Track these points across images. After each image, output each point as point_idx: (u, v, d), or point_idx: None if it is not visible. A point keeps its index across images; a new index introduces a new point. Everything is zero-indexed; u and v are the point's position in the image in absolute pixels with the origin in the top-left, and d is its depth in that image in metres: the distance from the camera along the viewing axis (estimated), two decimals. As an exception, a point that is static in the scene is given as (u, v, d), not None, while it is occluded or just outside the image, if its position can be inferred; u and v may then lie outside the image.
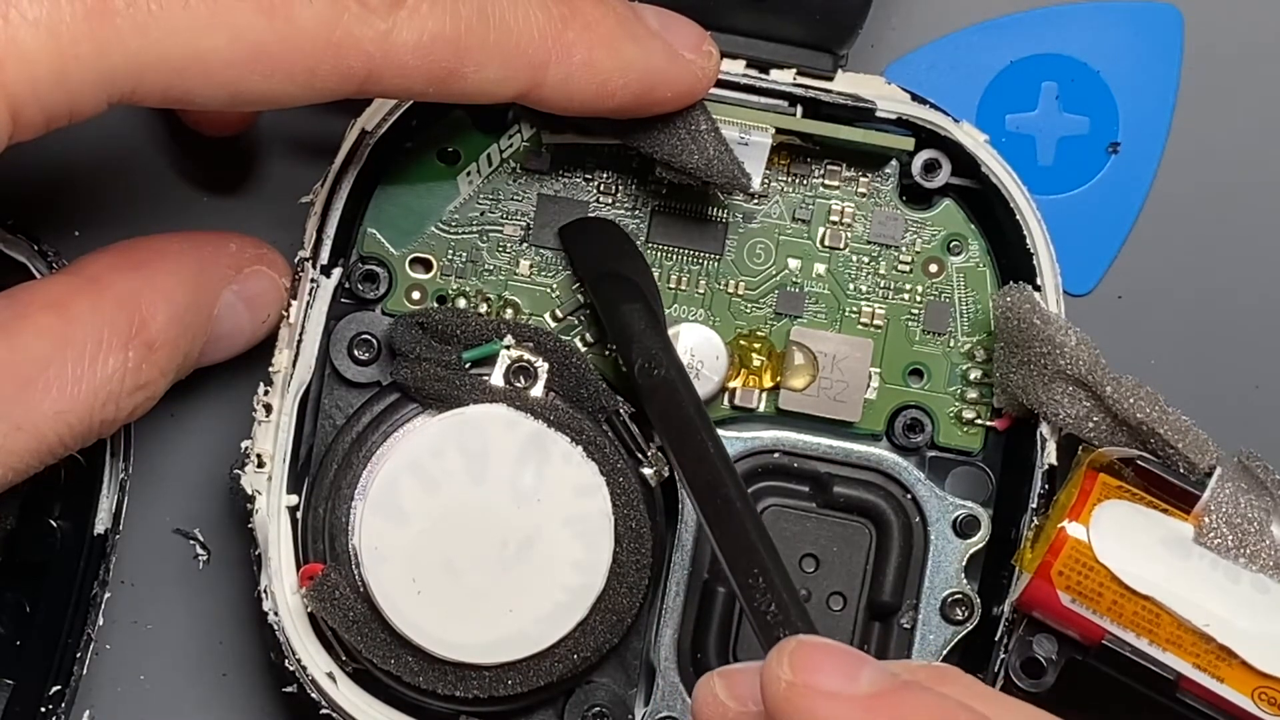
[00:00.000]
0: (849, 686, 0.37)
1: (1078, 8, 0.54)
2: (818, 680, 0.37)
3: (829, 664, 0.37)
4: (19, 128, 0.40)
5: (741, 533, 0.44)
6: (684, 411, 0.47)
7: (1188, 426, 0.48)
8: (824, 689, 0.37)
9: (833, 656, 0.37)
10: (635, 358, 0.48)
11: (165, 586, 0.54)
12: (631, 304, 0.49)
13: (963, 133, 0.50)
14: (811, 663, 0.37)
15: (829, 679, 0.37)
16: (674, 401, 0.47)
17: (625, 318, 0.49)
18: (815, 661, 0.37)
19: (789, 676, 0.37)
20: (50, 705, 0.51)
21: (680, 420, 0.47)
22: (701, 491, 0.46)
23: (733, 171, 0.49)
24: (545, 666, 0.49)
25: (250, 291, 0.49)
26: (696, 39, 0.47)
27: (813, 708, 0.37)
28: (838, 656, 0.37)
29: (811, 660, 0.37)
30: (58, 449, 0.44)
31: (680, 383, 0.48)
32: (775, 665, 0.37)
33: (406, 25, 0.43)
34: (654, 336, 0.48)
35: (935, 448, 0.52)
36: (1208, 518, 0.48)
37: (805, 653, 0.38)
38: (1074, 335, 0.48)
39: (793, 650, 0.38)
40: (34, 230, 0.52)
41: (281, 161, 0.54)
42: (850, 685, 0.37)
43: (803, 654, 0.37)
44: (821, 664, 0.37)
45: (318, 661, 0.50)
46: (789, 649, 0.38)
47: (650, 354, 0.48)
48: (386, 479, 0.49)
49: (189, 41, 0.40)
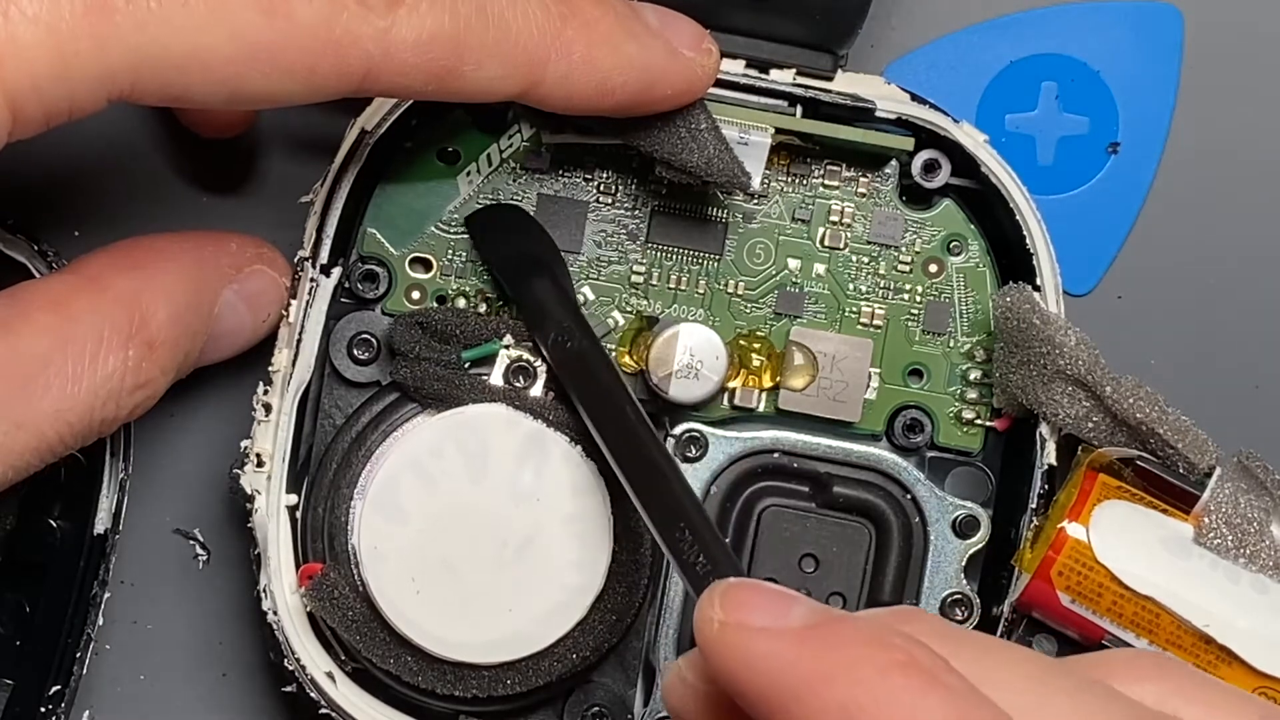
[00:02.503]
0: (781, 621, 0.36)
1: (1078, 8, 0.54)
2: (749, 617, 0.36)
3: (760, 601, 0.36)
4: (19, 124, 0.40)
5: (666, 492, 0.44)
6: (600, 380, 0.47)
7: (1187, 426, 0.48)
8: (756, 625, 0.36)
9: (764, 594, 0.37)
10: (548, 332, 0.48)
11: (165, 586, 0.54)
12: (539, 280, 0.49)
13: (962, 133, 0.50)
14: (742, 601, 0.37)
15: (760, 615, 0.36)
16: (589, 371, 0.47)
17: (534, 294, 0.49)
18: (746, 600, 0.37)
19: (721, 616, 0.36)
20: (50, 705, 0.51)
21: (597, 389, 0.47)
22: (623, 456, 0.46)
23: (733, 171, 0.49)
24: (545, 666, 0.49)
25: (250, 291, 0.49)
26: (696, 37, 0.47)
27: (745, 644, 0.36)
28: (769, 594, 0.37)
29: (742, 599, 0.37)
30: (58, 447, 0.44)
31: (594, 352, 0.47)
32: (707, 608, 0.37)
33: (406, 23, 0.43)
34: (564, 310, 0.48)
35: (935, 448, 0.52)
36: (1207, 518, 0.48)
37: (736, 592, 0.37)
38: (1074, 335, 0.48)
39: (723, 591, 0.37)
40: (34, 230, 0.52)
41: (281, 161, 0.54)
42: (782, 620, 0.36)
43: (734, 594, 0.37)
44: (752, 602, 0.36)
45: (317, 661, 0.50)
46: (719, 590, 0.37)
47: (562, 327, 0.48)
48: (386, 478, 0.49)
49: (188, 38, 0.40)
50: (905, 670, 0.34)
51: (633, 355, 0.51)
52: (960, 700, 0.34)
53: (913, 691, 0.34)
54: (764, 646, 0.36)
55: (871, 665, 0.35)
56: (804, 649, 0.35)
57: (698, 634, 0.37)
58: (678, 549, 0.43)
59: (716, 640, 0.36)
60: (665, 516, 0.43)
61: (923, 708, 0.34)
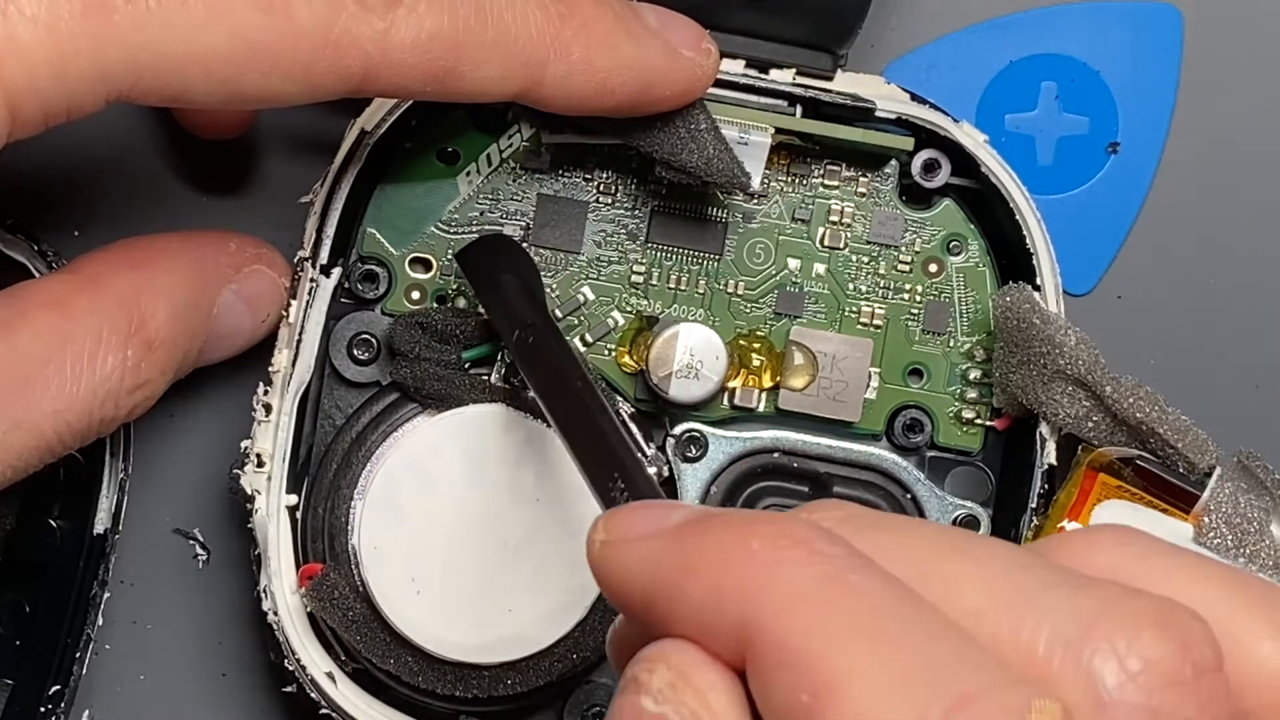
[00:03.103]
0: (659, 525, 0.35)
1: (1078, 8, 0.54)
2: (628, 531, 0.35)
3: (641, 514, 0.35)
4: (17, 125, 0.40)
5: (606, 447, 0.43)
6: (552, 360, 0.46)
7: (1187, 426, 0.48)
8: (634, 536, 0.35)
9: (645, 508, 0.36)
10: (513, 332, 0.48)
11: (165, 586, 0.54)
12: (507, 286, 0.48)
13: (962, 133, 0.50)
14: (623, 518, 0.35)
15: (639, 527, 0.35)
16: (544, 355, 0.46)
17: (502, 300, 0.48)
18: (626, 516, 0.35)
19: (602, 537, 0.35)
20: (50, 705, 0.51)
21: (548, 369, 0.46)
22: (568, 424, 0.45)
23: (732, 171, 0.49)
24: (545, 666, 0.49)
25: (250, 291, 0.49)
26: (695, 37, 0.47)
27: (622, 556, 0.35)
28: (650, 507, 0.36)
29: (623, 516, 0.35)
30: (57, 447, 0.44)
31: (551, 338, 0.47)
32: (592, 534, 0.36)
33: (404, 24, 0.43)
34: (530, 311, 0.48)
35: (935, 448, 0.52)
36: (1207, 517, 0.48)
37: (620, 512, 0.36)
38: (1074, 335, 0.48)
39: (609, 514, 0.36)
40: (33, 230, 0.52)
41: (281, 161, 0.54)
42: (660, 524, 0.35)
43: (617, 515, 0.36)
44: (634, 515, 0.35)
45: (317, 661, 0.50)
46: (603, 516, 0.36)
47: (525, 324, 0.47)
48: (386, 479, 0.49)
49: (187, 38, 0.40)
50: (774, 542, 0.33)
51: (633, 355, 0.51)
52: (834, 564, 0.32)
53: (782, 562, 0.32)
54: (639, 552, 0.34)
55: (740, 542, 0.33)
56: (676, 543, 0.34)
57: (589, 562, 0.36)
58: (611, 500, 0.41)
59: (599, 560, 0.35)
60: (602, 473, 0.42)
61: (791, 576, 0.32)
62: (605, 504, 0.41)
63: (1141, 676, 0.31)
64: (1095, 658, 0.31)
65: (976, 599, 0.32)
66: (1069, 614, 0.32)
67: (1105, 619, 0.32)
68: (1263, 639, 0.34)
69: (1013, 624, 0.32)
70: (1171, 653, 0.32)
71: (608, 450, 0.42)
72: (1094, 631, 0.32)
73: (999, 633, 0.32)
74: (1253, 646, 0.34)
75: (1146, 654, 0.31)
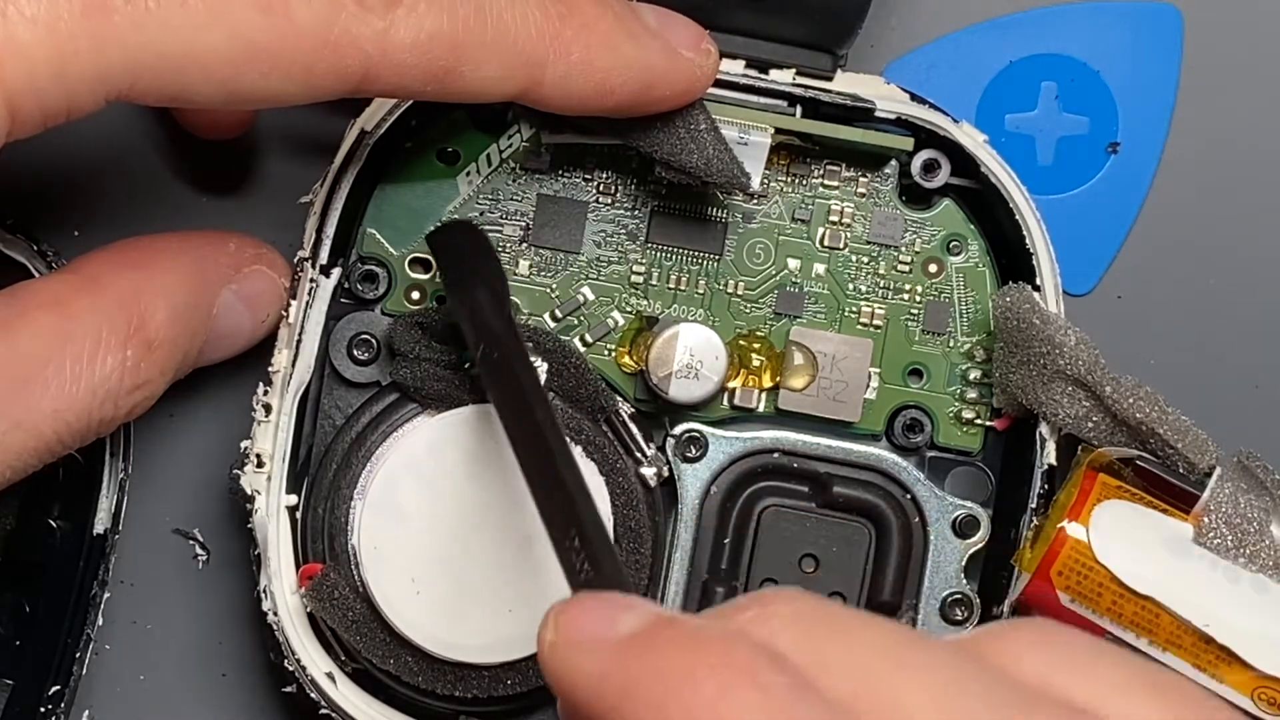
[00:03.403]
0: (608, 632, 0.34)
1: (1078, 8, 0.54)
2: (575, 634, 0.35)
3: (590, 615, 0.35)
4: (17, 125, 0.40)
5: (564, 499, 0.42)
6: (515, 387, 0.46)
7: (1187, 426, 0.48)
8: (581, 641, 0.35)
9: (596, 607, 0.35)
10: (478, 345, 0.47)
11: (165, 586, 0.54)
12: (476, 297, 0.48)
13: (962, 133, 0.50)
14: (574, 618, 0.35)
15: (587, 631, 0.35)
16: (508, 379, 0.46)
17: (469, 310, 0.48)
18: (577, 616, 0.35)
19: (551, 637, 0.35)
20: (49, 705, 0.51)
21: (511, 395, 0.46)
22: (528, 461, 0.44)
23: (732, 171, 0.49)
24: (544, 666, 0.49)
25: (249, 291, 0.49)
26: (695, 37, 0.47)
27: (569, 661, 0.34)
28: (601, 606, 0.35)
29: (574, 615, 0.35)
30: (56, 447, 0.44)
31: (516, 362, 0.46)
32: (542, 629, 0.35)
33: (404, 24, 0.43)
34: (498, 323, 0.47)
35: (935, 448, 0.52)
36: (1207, 518, 0.48)
37: (571, 609, 0.35)
38: (1074, 335, 0.48)
39: (559, 610, 0.35)
40: (33, 230, 0.52)
41: (281, 161, 0.54)
42: (607, 631, 0.34)
43: (569, 611, 0.35)
44: (582, 617, 0.35)
45: (317, 661, 0.50)
46: (555, 610, 0.36)
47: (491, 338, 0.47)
48: (386, 479, 0.49)
49: (187, 38, 0.40)
50: (716, 672, 0.33)
51: (633, 355, 0.51)
52: (776, 697, 0.32)
53: (723, 696, 0.32)
54: (586, 662, 0.34)
55: (682, 670, 0.33)
56: (620, 660, 0.34)
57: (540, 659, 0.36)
58: (566, 557, 0.41)
59: (548, 660, 0.35)
60: (559, 524, 0.42)
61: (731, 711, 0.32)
62: (561, 561, 0.41)
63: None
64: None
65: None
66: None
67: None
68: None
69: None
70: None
71: (567, 504, 0.42)
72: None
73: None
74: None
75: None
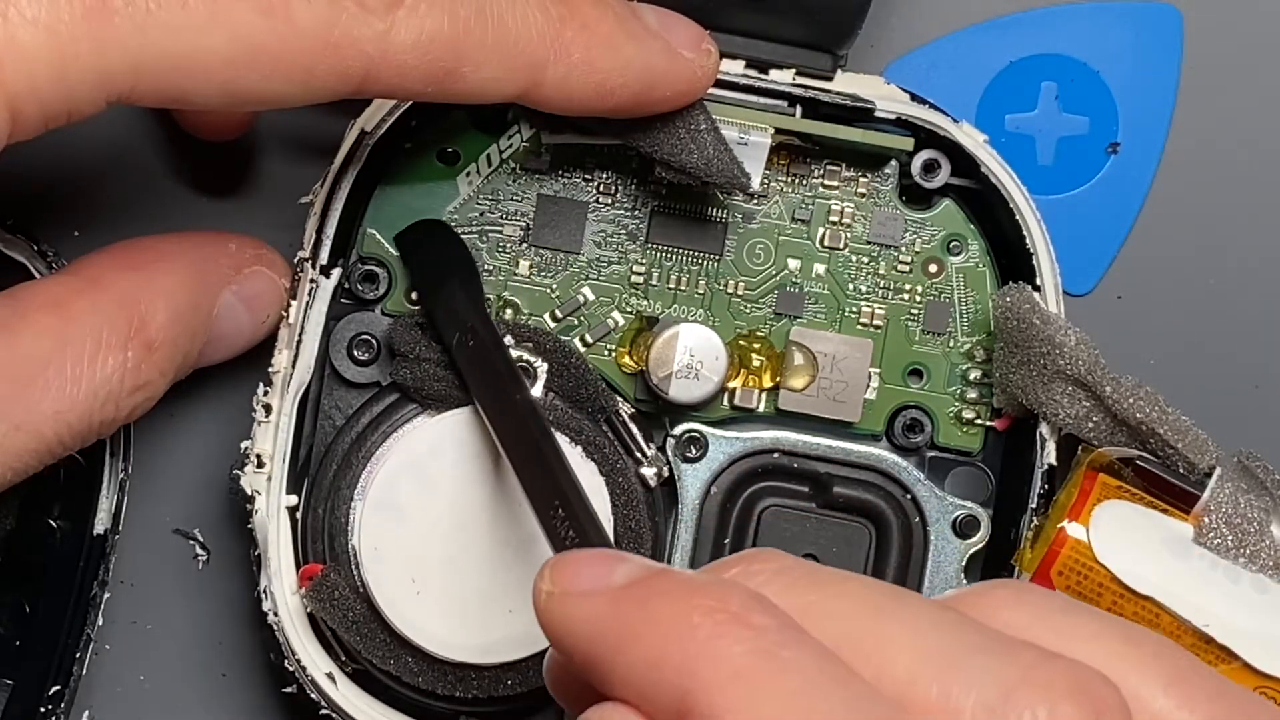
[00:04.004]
0: (603, 582, 0.36)
1: (1078, 8, 0.54)
2: (572, 584, 0.36)
3: (585, 567, 0.36)
4: (18, 127, 0.40)
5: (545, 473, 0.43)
6: (493, 370, 0.47)
7: (1187, 426, 0.48)
8: (577, 590, 0.36)
9: (590, 560, 0.36)
10: (453, 333, 0.48)
11: (165, 586, 0.54)
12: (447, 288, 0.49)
13: (962, 133, 0.50)
14: (569, 569, 0.36)
15: (583, 581, 0.36)
16: (485, 364, 0.47)
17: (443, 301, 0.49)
18: (573, 567, 0.36)
19: (548, 587, 0.36)
20: (50, 705, 0.51)
21: (490, 378, 0.47)
22: (509, 440, 0.46)
23: (732, 171, 0.49)
24: (545, 667, 0.49)
25: (250, 292, 0.49)
26: (695, 38, 0.47)
27: (566, 611, 0.36)
28: (595, 559, 0.36)
29: (569, 567, 0.36)
30: (57, 449, 0.44)
31: (493, 347, 0.48)
32: (538, 580, 0.36)
33: (404, 25, 0.43)
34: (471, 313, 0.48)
35: (935, 448, 0.52)
36: (1207, 518, 0.48)
37: (564, 562, 0.37)
38: (1074, 335, 0.48)
39: (554, 563, 0.37)
40: (34, 230, 0.52)
41: (281, 161, 0.54)
42: (603, 581, 0.36)
43: (563, 563, 0.37)
44: (579, 568, 0.36)
45: (317, 662, 0.50)
46: (551, 562, 0.37)
47: (465, 327, 0.48)
48: (386, 479, 0.49)
49: (187, 40, 0.40)
50: (712, 615, 0.34)
51: (633, 355, 0.51)
52: (768, 638, 0.33)
53: (716, 637, 0.33)
54: (583, 610, 0.35)
55: (678, 616, 0.34)
56: (618, 607, 0.35)
57: (535, 610, 0.37)
58: (551, 528, 0.42)
59: (544, 611, 0.36)
60: (543, 496, 0.43)
61: (725, 653, 0.33)
62: (547, 533, 0.42)
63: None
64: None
65: (906, 664, 0.34)
66: (992, 681, 0.34)
67: (1025, 686, 0.34)
68: (1156, 694, 0.35)
69: (941, 690, 0.34)
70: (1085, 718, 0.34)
71: (550, 477, 0.43)
72: (1015, 699, 0.34)
73: (928, 697, 0.34)
74: (1148, 701, 0.35)
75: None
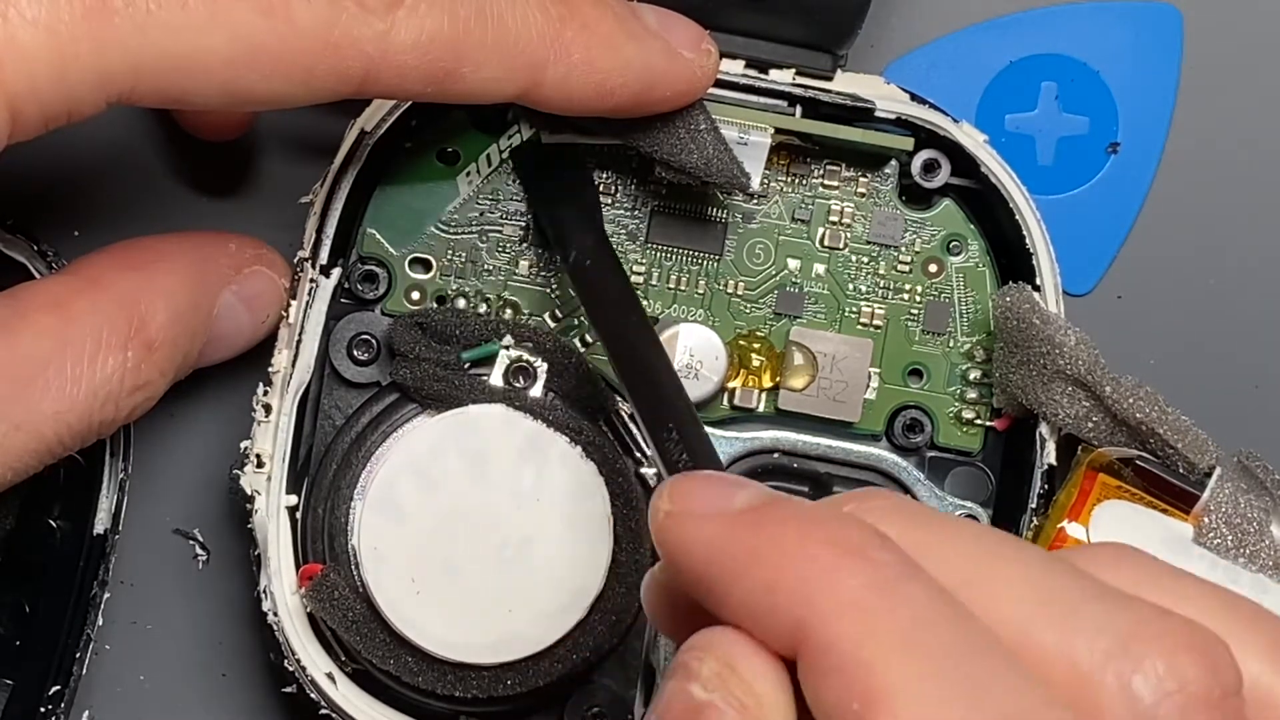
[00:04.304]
0: (723, 505, 0.36)
1: (1078, 8, 0.54)
2: (694, 505, 0.36)
3: (706, 489, 0.36)
4: (18, 127, 0.40)
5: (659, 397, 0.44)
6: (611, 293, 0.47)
7: (1187, 426, 0.48)
8: (698, 512, 0.36)
9: (711, 483, 0.37)
10: (570, 251, 0.48)
11: (165, 586, 0.54)
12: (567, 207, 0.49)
13: (962, 133, 0.50)
14: (689, 490, 0.37)
15: (705, 502, 0.36)
16: (602, 284, 0.48)
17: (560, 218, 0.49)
18: (692, 488, 0.37)
19: (668, 506, 0.36)
20: (49, 705, 0.51)
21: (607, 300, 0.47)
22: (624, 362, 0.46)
23: (732, 171, 0.49)
24: (544, 667, 0.49)
25: (249, 292, 0.49)
26: (695, 38, 0.47)
27: (684, 531, 0.36)
28: (716, 482, 0.37)
29: (689, 488, 0.37)
30: (56, 449, 0.44)
31: (611, 269, 0.48)
32: (656, 499, 0.37)
33: (405, 25, 0.43)
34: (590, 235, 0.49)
35: (935, 448, 0.52)
36: (1207, 518, 0.48)
37: (684, 482, 0.37)
38: (1073, 335, 0.48)
39: (674, 482, 0.37)
40: (34, 230, 0.52)
41: (281, 161, 0.54)
42: (723, 504, 0.36)
43: (682, 484, 0.37)
44: (698, 490, 0.36)
45: (317, 662, 0.50)
46: (670, 482, 0.37)
47: (584, 248, 0.48)
48: (386, 479, 0.49)
49: (187, 41, 0.40)
50: (831, 546, 0.34)
51: (633, 355, 0.51)
52: (886, 572, 0.34)
53: (837, 568, 0.34)
54: (702, 531, 0.36)
55: (798, 543, 0.34)
56: (737, 530, 0.35)
57: (652, 528, 0.37)
58: (665, 450, 0.43)
59: (662, 529, 0.36)
60: (656, 419, 0.43)
61: (845, 583, 0.33)
62: (660, 454, 0.43)
63: (1178, 696, 0.33)
64: (1135, 676, 0.33)
65: (1021, 609, 0.34)
66: (1108, 630, 0.34)
67: (1143, 638, 0.34)
68: (1249, 659, 0.35)
69: (1056, 637, 0.34)
70: (1203, 675, 0.34)
71: (664, 400, 0.44)
72: (1133, 650, 0.34)
73: (1044, 643, 0.34)
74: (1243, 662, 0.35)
75: (1181, 675, 0.33)
